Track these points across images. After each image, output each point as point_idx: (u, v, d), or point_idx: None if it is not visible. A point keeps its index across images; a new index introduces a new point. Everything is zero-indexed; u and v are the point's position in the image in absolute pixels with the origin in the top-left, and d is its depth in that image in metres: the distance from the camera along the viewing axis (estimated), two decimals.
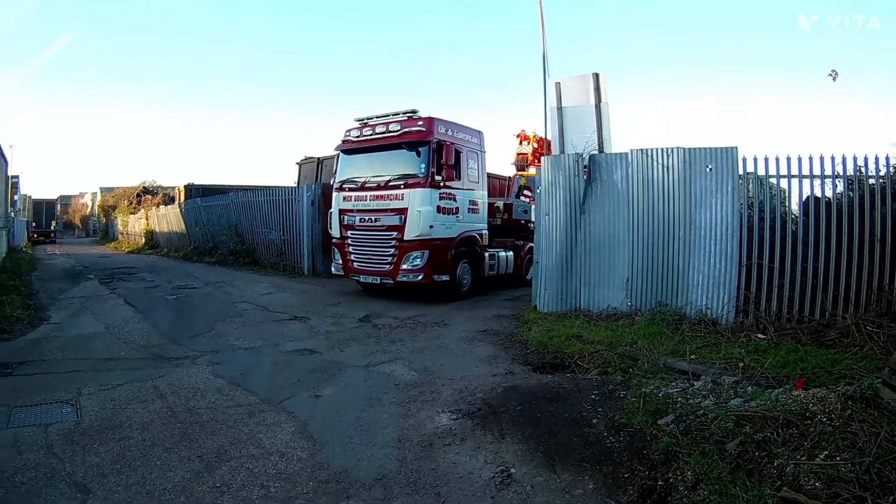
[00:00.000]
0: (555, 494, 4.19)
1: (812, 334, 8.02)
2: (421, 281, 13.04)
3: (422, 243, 12.95)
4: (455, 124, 14.05)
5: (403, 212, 13.03)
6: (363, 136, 14.21)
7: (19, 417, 6.05)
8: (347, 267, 14.41)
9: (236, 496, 4.30)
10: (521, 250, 16.73)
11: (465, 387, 6.72)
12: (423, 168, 13.01)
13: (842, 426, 4.11)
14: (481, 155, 15.08)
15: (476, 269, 14.66)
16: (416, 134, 13.10)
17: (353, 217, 14.19)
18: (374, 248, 13.73)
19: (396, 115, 13.79)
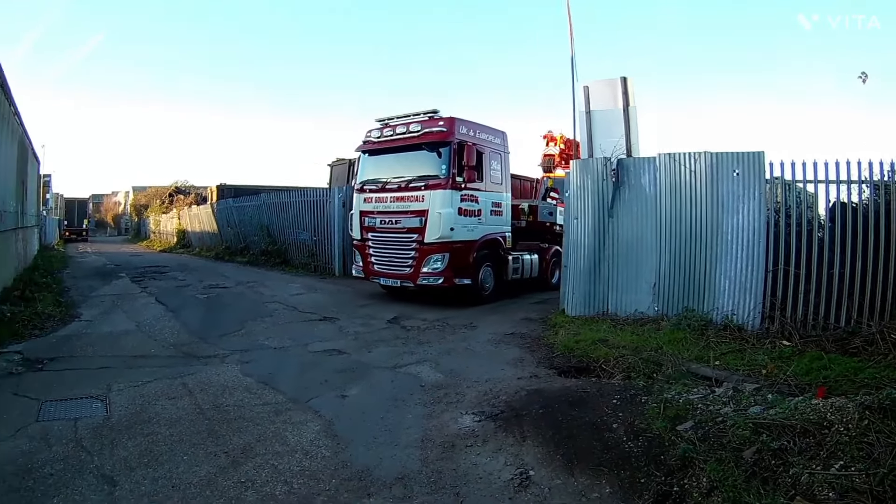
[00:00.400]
0: (572, 497, 4.30)
1: (836, 342, 7.93)
2: (441, 284, 12.88)
3: (442, 246, 12.76)
4: (477, 124, 13.83)
5: (424, 214, 12.83)
6: (384, 137, 14.05)
7: (49, 411, 6.24)
8: (368, 269, 14.26)
9: (260, 491, 4.45)
10: (546, 253, 16.49)
11: (489, 389, 6.83)
12: (444, 169, 12.79)
13: (858, 436, 4.14)
14: (505, 156, 14.80)
15: (499, 272, 14.41)
16: (436, 134, 12.90)
17: (374, 219, 14.00)
18: (395, 250, 13.57)
19: (417, 115, 13.62)
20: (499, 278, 14.37)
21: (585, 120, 12.84)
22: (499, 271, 14.35)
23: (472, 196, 13.28)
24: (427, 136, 12.99)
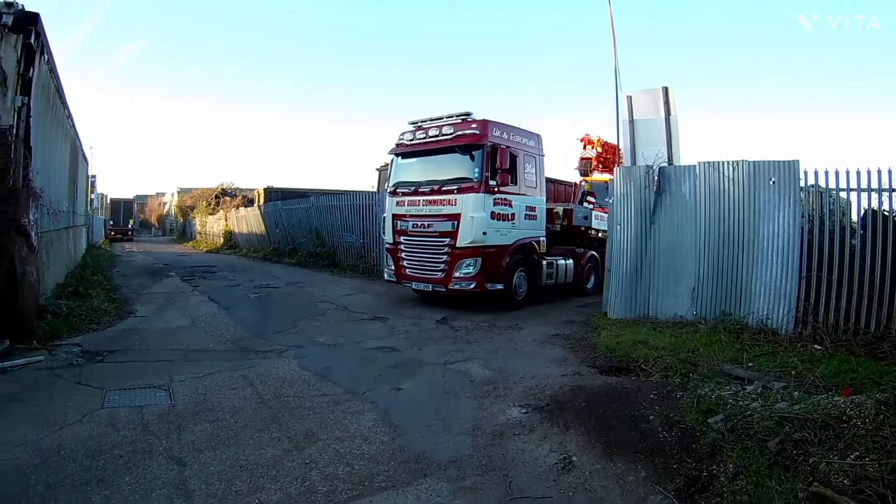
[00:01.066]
0: (610, 480, 4.77)
1: (866, 346, 8.14)
2: (474, 290, 12.70)
3: (475, 250, 12.62)
4: (511, 127, 13.68)
5: (456, 217, 12.71)
6: (416, 140, 14.00)
7: (113, 399, 6.70)
8: (400, 273, 14.14)
9: (323, 472, 4.92)
10: (581, 258, 16.27)
11: (535, 385, 7.28)
12: (477, 172, 12.64)
13: (874, 430, 4.50)
14: (539, 159, 14.60)
15: (533, 277, 14.21)
16: (469, 137, 12.78)
17: (406, 223, 13.90)
18: (427, 254, 13.44)
19: (450, 117, 13.51)
20: (532, 283, 14.20)
21: (629, 129, 13.19)
22: (532, 276, 14.19)
23: (506, 200, 13.13)
24: (460, 139, 12.92)
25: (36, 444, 5.26)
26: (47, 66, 11.98)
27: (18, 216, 9.01)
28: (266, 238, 32.17)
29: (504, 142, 13.10)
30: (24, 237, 9.15)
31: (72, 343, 9.27)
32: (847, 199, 9.32)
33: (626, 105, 13.43)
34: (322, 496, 4.49)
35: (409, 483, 4.75)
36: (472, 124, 12.91)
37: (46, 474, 4.68)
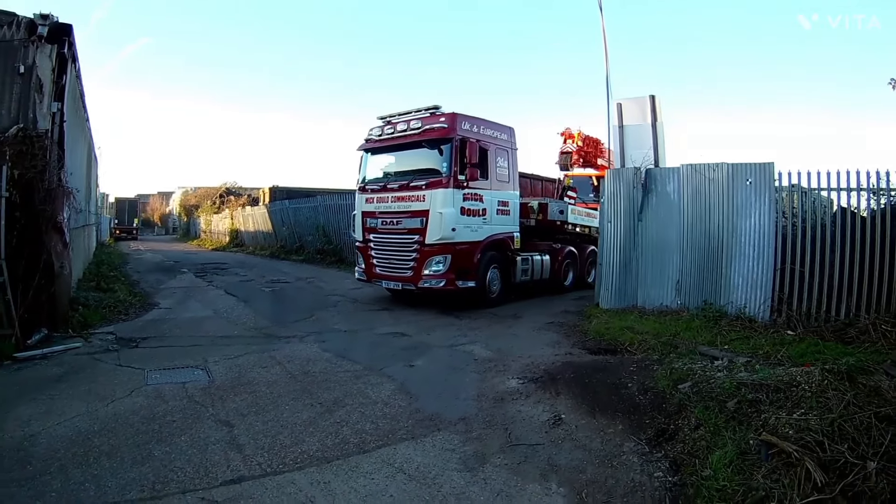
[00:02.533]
0: (592, 432, 5.69)
1: (835, 332, 8.81)
2: (443, 287, 12.40)
3: (444, 247, 12.32)
4: (482, 120, 13.37)
5: (425, 214, 12.39)
6: (385, 135, 13.62)
7: (155, 378, 7.43)
8: (370, 272, 13.75)
9: (353, 428, 5.80)
10: (558, 254, 15.97)
11: (531, 362, 8.16)
12: (446, 167, 12.33)
13: (819, 392, 5.27)
14: (512, 152, 14.24)
15: (507, 274, 13.94)
16: (437, 131, 12.42)
17: (376, 220, 13.55)
18: (396, 252, 13.08)
19: (419, 111, 13.17)
20: (507, 281, 13.96)
21: (618, 134, 13.81)
22: (506, 273, 13.94)
23: (476, 195, 12.87)
24: (427, 133, 12.59)
25: (92, 415, 5.99)
26: (75, 72, 12.74)
27: (55, 214, 9.72)
28: (273, 236, 32.97)
29: (474, 135, 12.91)
30: (59, 234, 9.88)
31: (105, 331, 10.03)
32: (818, 198, 10.05)
33: (616, 112, 14.00)
34: (354, 446, 5.38)
35: (425, 435, 5.67)
36: (440, 118, 12.63)
37: (108, 438, 5.43)
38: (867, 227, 9.39)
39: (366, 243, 13.85)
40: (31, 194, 9.26)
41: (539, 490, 4.56)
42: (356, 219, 14.29)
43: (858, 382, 5.40)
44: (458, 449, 5.34)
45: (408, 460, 5.09)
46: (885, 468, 3.80)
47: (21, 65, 9.84)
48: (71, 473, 4.65)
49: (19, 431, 5.48)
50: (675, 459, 5.04)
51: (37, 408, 6.13)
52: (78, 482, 4.50)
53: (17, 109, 9.77)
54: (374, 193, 13.73)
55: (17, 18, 10.01)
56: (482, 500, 4.37)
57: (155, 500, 4.27)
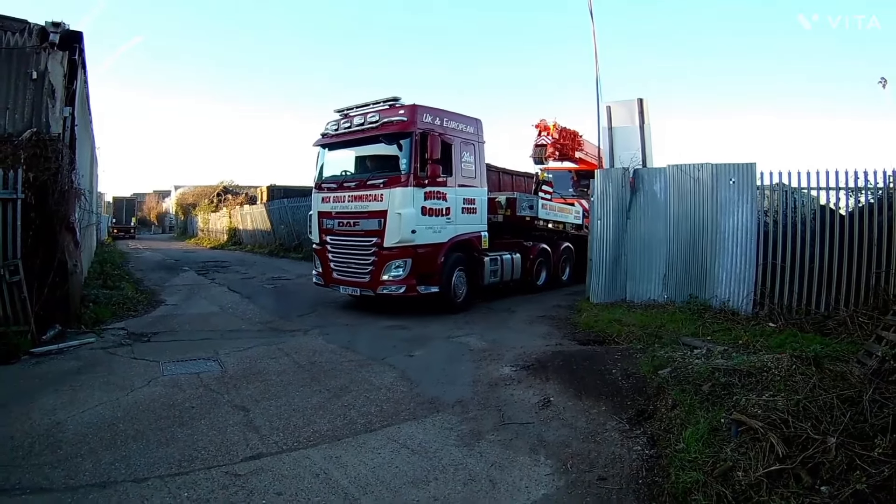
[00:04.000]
0: (578, 412, 6.22)
1: (815, 324, 9.17)
2: (404, 294, 11.63)
3: (404, 251, 11.50)
4: (445, 112, 12.48)
5: (383, 215, 11.50)
6: (342, 130, 12.73)
7: (171, 369, 7.86)
8: (328, 276, 12.87)
9: (360, 410, 6.31)
10: (530, 252, 15.21)
11: (523, 352, 8.66)
12: (405, 163, 11.49)
13: (787, 376, 5.77)
14: (479, 146, 13.34)
15: (475, 276, 13.11)
16: (396, 125, 11.55)
17: (332, 221, 12.67)
18: (353, 255, 12.21)
19: (377, 103, 12.30)
20: (474, 283, 13.17)
21: (608, 135, 14.18)
22: (474, 275, 13.13)
23: (439, 193, 12.00)
24: (386, 127, 11.69)
25: (114, 404, 6.43)
26: (83, 77, 13.14)
27: (68, 214, 10.17)
28: (272, 234, 33.37)
29: (436, 128, 12.00)
30: (71, 233, 10.33)
31: (116, 327, 10.47)
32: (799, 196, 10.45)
33: (605, 114, 14.31)
34: (361, 426, 5.89)
35: (426, 416, 6.20)
36: (399, 110, 11.75)
37: (132, 423, 5.87)
38: (846, 225, 9.76)
39: (323, 246, 13.04)
40: (45, 196, 9.65)
41: (528, 461, 5.07)
42: (312, 220, 13.47)
43: (825, 368, 5.87)
44: (455, 427, 5.85)
45: (410, 437, 5.60)
46: (844, 443, 4.09)
47: (34, 71, 10.23)
48: (101, 455, 5.07)
49: (46, 419, 5.88)
50: (653, 436, 5.54)
51: (60, 398, 6.54)
52: (108, 462, 4.93)
53: (30, 114, 10.17)
54: (330, 193, 12.89)
55: (30, 26, 10.38)
56: (478, 470, 4.88)
57: (183, 476, 4.72)
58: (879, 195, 9.82)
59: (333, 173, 13.14)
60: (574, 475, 4.82)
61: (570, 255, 17.27)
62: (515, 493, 4.53)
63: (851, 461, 3.91)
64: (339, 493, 4.45)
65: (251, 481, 4.63)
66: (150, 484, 4.56)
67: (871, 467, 3.77)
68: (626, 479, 4.77)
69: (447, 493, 4.51)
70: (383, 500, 4.39)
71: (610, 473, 4.85)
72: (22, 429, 5.62)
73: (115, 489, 4.46)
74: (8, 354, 8.14)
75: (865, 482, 3.62)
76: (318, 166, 13.54)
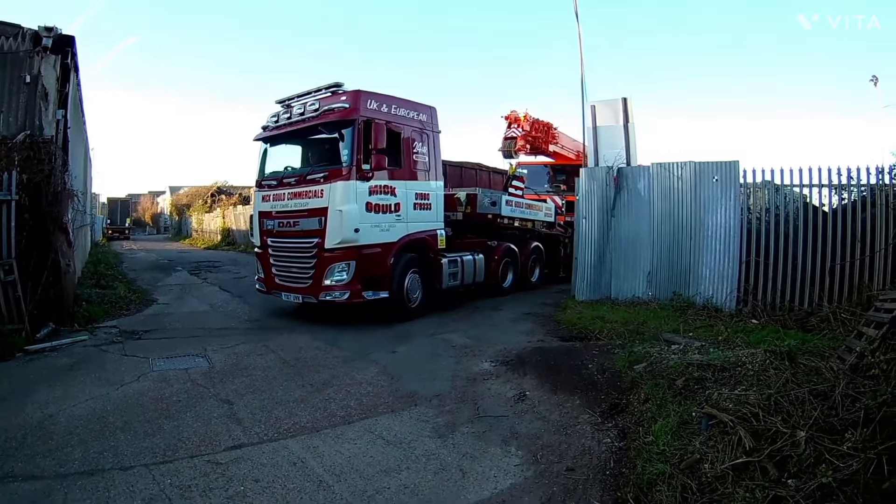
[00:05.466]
0: (553, 405, 6.39)
1: (798, 321, 9.28)
2: (348, 301, 10.58)
3: (347, 252, 10.50)
4: (394, 98, 11.55)
5: (324, 213, 10.47)
6: (282, 121, 11.80)
7: (160, 365, 8.04)
8: (269, 282, 11.83)
9: (340, 404, 6.51)
10: (494, 253, 14.31)
11: (504, 348, 8.81)
12: (347, 155, 10.49)
13: (760, 371, 5.87)
14: (433, 136, 12.38)
15: (431, 279, 12.21)
16: (337, 112, 10.55)
17: (272, 221, 11.65)
18: (294, 258, 11.23)
19: (318, 90, 11.29)
20: (430, 287, 12.25)
21: (592, 135, 14.28)
22: (430, 278, 12.21)
23: (386, 187, 11.03)
24: (326, 116, 10.69)
25: (105, 398, 6.60)
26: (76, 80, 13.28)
27: (61, 215, 10.29)
28: None
29: (382, 116, 11.04)
30: (65, 234, 10.42)
31: (108, 325, 10.63)
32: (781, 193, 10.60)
33: (590, 113, 14.38)
34: (340, 418, 6.08)
35: (404, 409, 6.38)
36: (341, 97, 10.78)
37: (121, 415, 6.05)
38: (829, 222, 9.91)
39: (264, 248, 12.01)
40: (39, 197, 9.80)
41: (500, 452, 5.25)
42: (253, 220, 12.64)
43: (799, 363, 5.98)
44: (431, 420, 6.04)
45: (387, 429, 5.78)
46: (814, 437, 4.18)
47: (27, 75, 10.35)
48: (90, 445, 5.26)
49: (38, 413, 6.06)
50: (624, 429, 5.70)
51: (52, 393, 6.71)
52: (97, 452, 5.12)
53: (23, 117, 10.29)
54: (270, 191, 11.89)
55: (23, 30, 10.52)
56: (450, 460, 5.07)
57: (167, 464, 4.91)
58: (863, 193, 10.00)
59: (275, 169, 12.19)
60: (543, 466, 5.00)
61: (539, 256, 16.59)
62: (484, 481, 4.71)
63: (820, 455, 3.99)
64: (313, 480, 4.64)
65: (231, 469, 4.81)
66: (135, 471, 4.75)
67: (839, 461, 3.84)
68: (594, 469, 4.93)
69: (417, 481, 4.69)
70: (355, 486, 4.56)
71: (578, 464, 5.02)
72: (16, 421, 5.80)
73: (102, 476, 4.65)
74: (3, 352, 8.27)
75: (832, 475, 3.70)
76: (259, 163, 12.61)
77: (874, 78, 11.02)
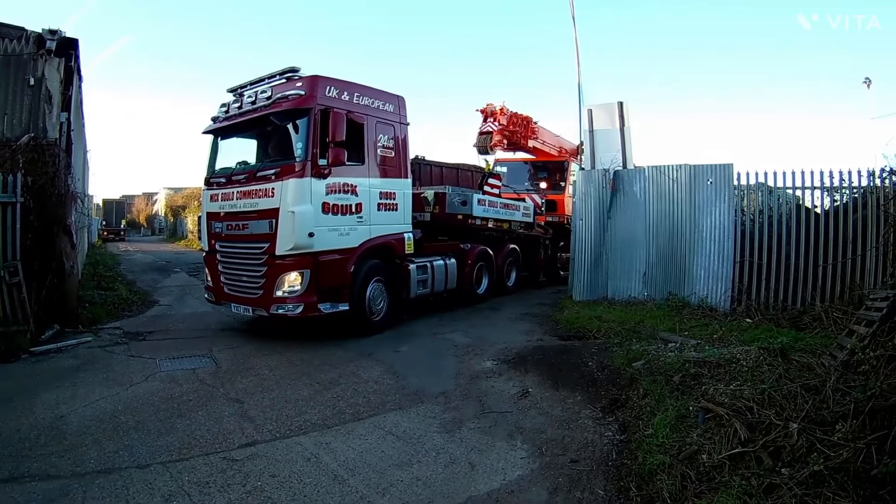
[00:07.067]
0: (555, 402, 6.59)
1: (791, 319, 9.44)
2: (302, 314, 9.28)
3: (301, 260, 9.22)
4: (357, 86, 10.21)
5: (275, 214, 9.19)
6: (233, 112, 10.38)
7: (167, 365, 8.17)
8: (218, 291, 10.54)
9: (348, 402, 6.69)
10: (468, 257, 13.25)
11: (505, 347, 8.99)
12: (301, 148, 9.23)
13: (755, 367, 6.07)
14: (401, 128, 11.04)
15: (397, 288, 11.02)
16: (291, 101, 9.28)
17: (221, 224, 10.31)
18: (244, 266, 9.91)
19: (272, 77, 9.97)
20: (396, 296, 11.03)
21: (589, 138, 14.41)
22: (396, 287, 11.02)
23: (346, 185, 9.71)
24: (279, 104, 9.41)
25: (115, 398, 6.74)
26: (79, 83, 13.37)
27: (65, 217, 10.47)
28: None
29: (343, 105, 9.71)
30: (68, 235, 10.57)
31: (112, 327, 10.76)
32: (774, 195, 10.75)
33: (587, 117, 14.45)
34: (349, 415, 6.26)
35: (411, 406, 6.58)
36: (296, 83, 9.50)
37: (133, 415, 6.20)
38: (821, 223, 10.07)
39: (212, 254, 10.69)
40: (43, 199, 9.94)
41: (506, 446, 5.45)
42: (201, 222, 11.37)
43: (792, 359, 6.13)
44: (438, 416, 6.23)
45: (396, 425, 5.96)
46: (806, 428, 4.33)
47: (31, 77, 10.50)
48: (104, 445, 5.40)
49: (49, 413, 6.20)
50: (624, 423, 5.91)
51: (62, 393, 6.85)
52: (112, 451, 5.26)
53: (27, 119, 10.43)
54: (219, 189, 10.47)
55: (27, 33, 10.66)
56: (458, 454, 5.26)
57: (183, 462, 5.06)
58: (855, 195, 10.13)
59: (226, 165, 10.76)
60: (548, 458, 5.19)
61: (516, 258, 15.66)
62: (493, 474, 4.90)
63: (812, 445, 4.12)
64: (328, 475, 4.82)
65: (247, 465, 4.97)
66: (152, 469, 4.89)
67: (830, 450, 3.98)
68: (597, 461, 5.13)
69: (429, 474, 4.87)
70: (370, 480, 4.74)
71: (582, 456, 5.22)
72: (27, 422, 5.92)
73: (119, 475, 4.78)
74: (9, 353, 8.39)
75: (823, 464, 3.85)
76: (209, 158, 11.19)
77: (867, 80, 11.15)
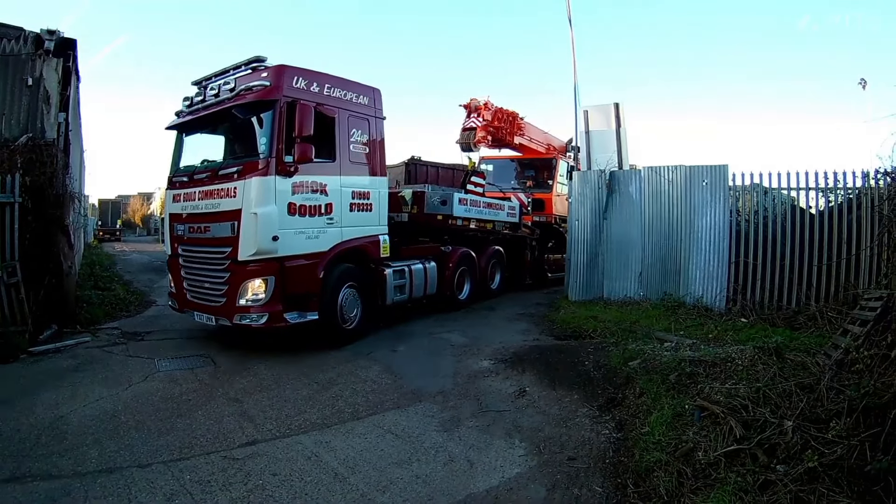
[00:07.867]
0: (552, 401, 6.67)
1: (786, 319, 9.52)
2: (267, 325, 8.58)
3: (266, 265, 8.54)
4: (328, 77, 9.50)
5: (237, 216, 8.47)
6: (195, 105, 9.75)
7: (165, 365, 8.21)
8: (181, 299, 9.87)
9: (347, 401, 6.75)
10: (449, 260, 12.60)
11: (501, 346, 9.04)
12: (265, 144, 8.52)
13: (749, 366, 6.13)
14: (376, 122, 10.28)
15: (371, 294, 10.28)
16: (256, 92, 8.64)
17: (183, 226, 9.64)
18: (205, 272, 9.25)
19: (237, 67, 9.30)
20: (371, 302, 10.29)
21: (585, 139, 14.46)
22: (371, 293, 10.29)
23: (315, 184, 9.04)
24: (243, 96, 8.75)
25: (114, 398, 6.78)
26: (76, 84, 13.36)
27: (63, 217, 10.47)
28: None
29: (311, 97, 9.01)
30: (66, 236, 10.58)
31: (110, 327, 10.74)
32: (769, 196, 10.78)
33: (583, 118, 14.46)
34: (348, 414, 6.33)
35: (409, 405, 6.64)
36: (262, 73, 8.86)
37: (133, 414, 6.26)
38: (816, 223, 10.13)
39: (175, 258, 9.98)
40: (41, 199, 9.92)
41: (504, 444, 5.52)
42: (164, 224, 10.78)
43: (786, 358, 6.21)
44: (437, 415, 6.30)
45: (395, 424, 6.03)
46: (801, 426, 4.40)
47: (29, 77, 10.46)
48: (105, 444, 5.45)
49: (50, 413, 6.24)
50: (621, 421, 5.99)
51: (61, 393, 6.88)
52: (113, 450, 5.31)
53: (26, 119, 10.41)
54: (181, 188, 9.79)
55: (25, 33, 10.63)
56: (457, 452, 5.33)
57: (184, 461, 5.11)
58: (849, 196, 10.18)
59: (190, 163, 10.03)
60: (546, 456, 5.26)
61: (500, 260, 15.06)
62: (491, 471, 4.97)
63: (806, 442, 4.18)
64: (329, 473, 4.88)
65: (248, 464, 5.03)
66: (153, 468, 4.95)
67: (824, 448, 4.04)
68: (594, 458, 5.21)
69: (429, 471, 4.94)
70: (370, 478, 4.81)
71: (579, 454, 5.29)
72: (27, 422, 5.97)
73: (121, 474, 4.83)
74: (7, 354, 8.40)
75: (818, 461, 3.92)
76: (172, 155, 10.50)
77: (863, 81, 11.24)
